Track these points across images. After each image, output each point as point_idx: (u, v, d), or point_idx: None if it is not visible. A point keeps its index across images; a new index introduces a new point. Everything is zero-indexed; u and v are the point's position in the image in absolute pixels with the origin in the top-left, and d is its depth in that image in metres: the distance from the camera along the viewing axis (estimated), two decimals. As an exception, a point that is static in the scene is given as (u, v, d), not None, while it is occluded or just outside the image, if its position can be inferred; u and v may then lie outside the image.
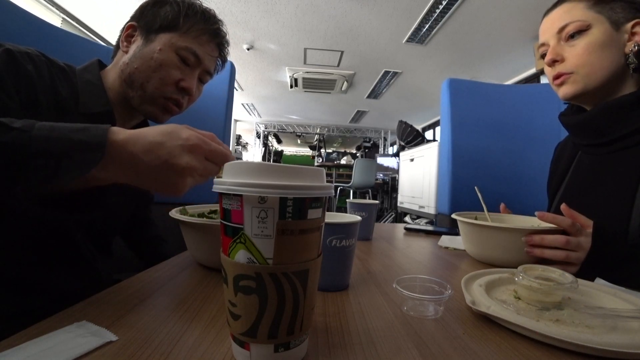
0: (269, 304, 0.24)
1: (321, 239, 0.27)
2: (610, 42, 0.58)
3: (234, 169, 0.26)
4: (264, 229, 0.23)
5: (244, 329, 0.24)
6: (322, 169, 0.28)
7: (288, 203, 0.23)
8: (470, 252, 0.67)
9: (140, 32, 0.63)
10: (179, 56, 0.61)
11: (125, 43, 0.63)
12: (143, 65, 0.60)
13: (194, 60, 0.63)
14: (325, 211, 0.28)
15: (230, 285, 0.25)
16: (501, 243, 0.58)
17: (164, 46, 0.60)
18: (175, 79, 0.61)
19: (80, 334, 0.28)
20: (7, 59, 0.47)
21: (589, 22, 0.59)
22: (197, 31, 0.63)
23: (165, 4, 0.63)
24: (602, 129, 0.61)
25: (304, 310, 0.25)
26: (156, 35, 0.61)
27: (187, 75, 0.63)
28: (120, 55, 0.63)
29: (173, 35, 0.61)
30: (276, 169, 0.25)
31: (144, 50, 0.61)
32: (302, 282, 0.25)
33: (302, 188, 0.24)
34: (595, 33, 0.59)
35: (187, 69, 0.63)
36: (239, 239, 0.24)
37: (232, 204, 0.24)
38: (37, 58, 0.52)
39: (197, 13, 0.64)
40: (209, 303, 0.38)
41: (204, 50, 0.64)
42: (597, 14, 0.59)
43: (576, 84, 0.61)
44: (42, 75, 0.51)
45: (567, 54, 0.62)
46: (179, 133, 0.39)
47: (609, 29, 0.59)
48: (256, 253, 0.24)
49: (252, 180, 0.24)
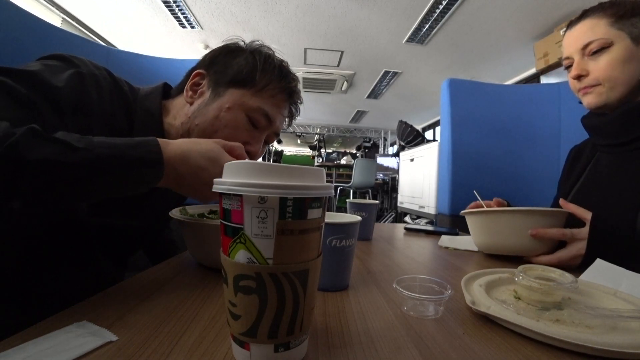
0: (269, 304, 0.24)
1: (321, 239, 0.27)
2: (631, 57, 0.62)
3: (233, 169, 0.26)
4: (264, 229, 0.23)
5: (244, 329, 0.24)
6: (322, 169, 0.28)
7: (288, 203, 0.23)
8: (481, 246, 0.68)
9: (208, 83, 0.57)
10: (249, 117, 0.55)
11: (190, 93, 0.57)
12: (206, 123, 0.54)
13: (265, 122, 0.56)
14: (326, 211, 0.28)
15: (230, 285, 0.25)
16: (515, 227, 0.61)
17: (234, 104, 0.54)
18: (240, 141, 0.53)
19: (80, 334, 0.28)
20: (75, 82, 0.45)
21: (611, 39, 0.63)
22: (273, 90, 0.56)
23: (239, 55, 0.57)
24: (621, 131, 0.65)
25: (304, 310, 0.25)
26: (226, 90, 0.55)
27: (255, 138, 0.57)
28: (183, 103, 0.58)
29: (245, 92, 0.55)
30: (276, 169, 0.25)
31: (211, 105, 0.55)
32: (302, 282, 0.25)
33: (302, 188, 0.24)
34: (617, 50, 0.63)
35: (255, 131, 0.57)
36: (239, 239, 0.24)
37: (232, 204, 0.24)
38: (104, 81, 0.49)
39: (275, 68, 0.57)
40: (209, 303, 0.38)
41: (277, 110, 0.58)
42: (618, 30, 0.63)
43: (600, 96, 0.65)
44: (103, 102, 0.49)
45: (591, 68, 0.66)
46: (220, 159, 0.43)
47: (630, 45, 0.62)
48: (256, 253, 0.24)
49: (252, 180, 0.24)
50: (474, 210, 0.67)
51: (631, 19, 0.63)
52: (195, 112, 0.55)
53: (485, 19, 2.87)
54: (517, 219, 0.61)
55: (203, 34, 3.47)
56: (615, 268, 0.46)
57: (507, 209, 0.63)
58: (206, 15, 3.07)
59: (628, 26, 0.63)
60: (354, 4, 2.76)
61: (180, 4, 2.88)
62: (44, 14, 2.89)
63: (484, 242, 0.68)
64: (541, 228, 0.59)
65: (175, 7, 2.94)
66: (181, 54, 3.95)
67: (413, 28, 3.08)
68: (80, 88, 0.46)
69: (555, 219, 0.61)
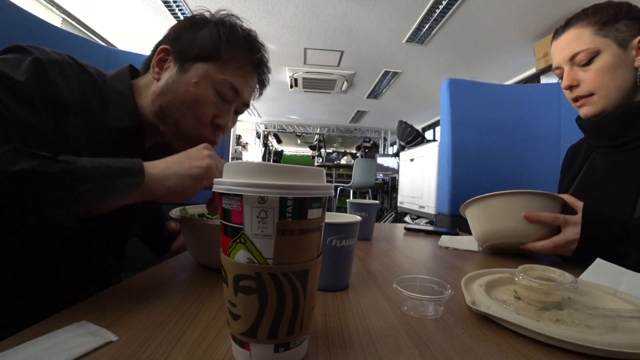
0: (269, 304, 0.24)
1: (321, 239, 0.27)
2: (620, 62, 0.62)
3: (233, 169, 0.26)
4: (264, 229, 0.23)
5: (244, 329, 0.24)
6: (322, 169, 0.28)
7: (288, 203, 0.23)
8: (481, 237, 0.69)
9: (174, 58, 0.57)
10: (216, 90, 0.56)
11: (157, 69, 0.57)
12: (177, 100, 0.55)
13: (232, 95, 0.57)
14: (326, 211, 0.28)
15: (230, 285, 0.25)
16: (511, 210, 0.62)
17: (201, 79, 0.55)
18: (211, 115, 0.57)
19: (80, 334, 0.28)
20: (35, 71, 0.44)
21: (597, 48, 0.63)
22: (239, 62, 0.57)
23: (203, 27, 0.57)
24: (616, 133, 0.66)
25: (304, 310, 0.25)
26: (192, 65, 0.55)
27: (224, 111, 0.58)
28: (151, 79, 0.58)
29: (211, 65, 0.55)
30: (276, 169, 0.25)
31: (178, 81, 0.55)
32: (302, 282, 0.25)
33: (302, 188, 0.24)
34: (605, 58, 0.62)
35: (223, 103, 0.57)
36: (239, 239, 0.24)
37: (232, 204, 0.24)
38: (68, 67, 0.49)
39: (240, 40, 0.57)
40: (209, 303, 0.38)
41: (244, 82, 0.59)
42: (603, 37, 0.63)
43: (595, 105, 0.65)
44: (71, 88, 0.48)
45: (581, 78, 0.66)
46: (203, 174, 0.45)
47: (617, 51, 0.62)
48: (256, 253, 0.24)
49: (252, 180, 0.24)
50: (471, 200, 0.68)
51: (615, 24, 0.63)
52: (163, 88, 0.56)
53: (485, 19, 2.87)
54: (512, 201, 0.62)
55: (203, 34, 3.47)
56: (616, 268, 0.46)
57: (503, 192, 0.63)
58: (206, 15, 3.07)
59: (613, 32, 0.62)
60: (354, 4, 2.76)
61: (180, 3, 2.88)
62: (44, 14, 2.89)
63: (482, 231, 0.68)
64: (535, 211, 0.60)
65: (175, 7, 2.94)
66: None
67: (413, 28, 3.07)
68: (43, 78, 0.45)
69: (551, 202, 0.62)
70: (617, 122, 0.64)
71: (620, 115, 0.64)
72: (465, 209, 0.71)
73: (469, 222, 0.72)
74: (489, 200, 0.65)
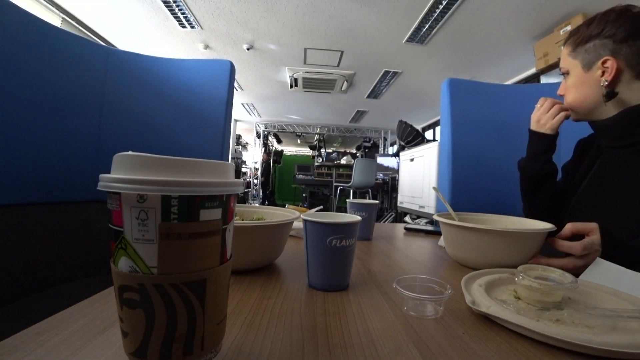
0: (157, 320, 0.21)
1: (227, 244, 0.24)
2: (583, 82, 0.70)
3: (115, 163, 0.22)
4: (145, 233, 0.20)
5: (132, 348, 0.21)
6: (228, 162, 0.25)
7: (172, 202, 0.20)
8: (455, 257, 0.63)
9: None
10: None
11: None
12: None
13: None
14: (233, 212, 0.24)
15: (117, 297, 0.22)
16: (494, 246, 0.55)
17: None
18: None
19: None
20: None
21: (567, 68, 0.73)
22: None
23: None
24: (622, 133, 0.67)
25: (204, 327, 0.22)
26: None
27: None
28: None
29: None
30: (159, 161, 0.21)
31: None
32: (198, 294, 0.22)
33: (191, 184, 0.21)
34: (572, 77, 0.72)
35: None
36: (120, 244, 0.21)
37: (112, 203, 0.21)
38: None
39: None
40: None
41: None
42: (573, 59, 0.71)
43: (574, 114, 0.76)
44: None
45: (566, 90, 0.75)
46: None
47: (580, 72, 0.70)
48: (138, 260, 0.21)
49: (130, 175, 0.21)
50: (448, 222, 0.60)
51: (585, 45, 0.68)
52: None
53: (485, 19, 2.87)
54: (491, 238, 0.54)
55: (203, 34, 3.47)
56: (616, 267, 0.46)
57: (482, 228, 0.55)
58: (206, 15, 3.07)
59: (582, 53, 0.69)
60: (354, 4, 2.76)
61: (180, 3, 2.88)
62: (44, 14, 2.89)
63: (454, 254, 0.62)
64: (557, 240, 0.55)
65: (175, 7, 2.94)
66: (181, 54, 3.95)
67: (413, 28, 3.08)
68: None
69: (533, 241, 0.55)
70: (623, 122, 0.66)
71: (625, 116, 0.65)
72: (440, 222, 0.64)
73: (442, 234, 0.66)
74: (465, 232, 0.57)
